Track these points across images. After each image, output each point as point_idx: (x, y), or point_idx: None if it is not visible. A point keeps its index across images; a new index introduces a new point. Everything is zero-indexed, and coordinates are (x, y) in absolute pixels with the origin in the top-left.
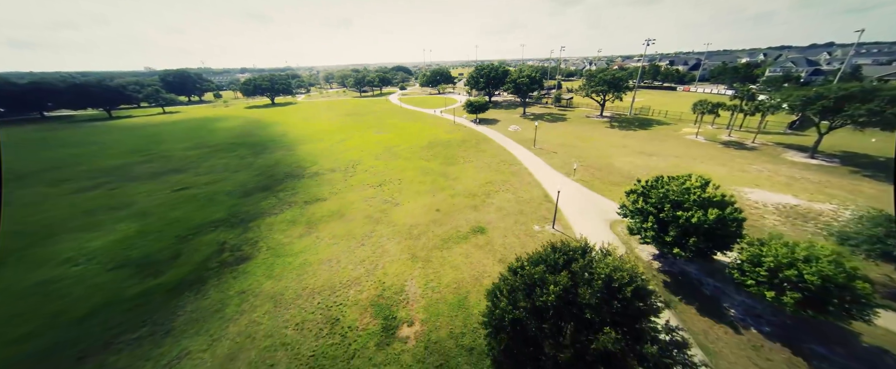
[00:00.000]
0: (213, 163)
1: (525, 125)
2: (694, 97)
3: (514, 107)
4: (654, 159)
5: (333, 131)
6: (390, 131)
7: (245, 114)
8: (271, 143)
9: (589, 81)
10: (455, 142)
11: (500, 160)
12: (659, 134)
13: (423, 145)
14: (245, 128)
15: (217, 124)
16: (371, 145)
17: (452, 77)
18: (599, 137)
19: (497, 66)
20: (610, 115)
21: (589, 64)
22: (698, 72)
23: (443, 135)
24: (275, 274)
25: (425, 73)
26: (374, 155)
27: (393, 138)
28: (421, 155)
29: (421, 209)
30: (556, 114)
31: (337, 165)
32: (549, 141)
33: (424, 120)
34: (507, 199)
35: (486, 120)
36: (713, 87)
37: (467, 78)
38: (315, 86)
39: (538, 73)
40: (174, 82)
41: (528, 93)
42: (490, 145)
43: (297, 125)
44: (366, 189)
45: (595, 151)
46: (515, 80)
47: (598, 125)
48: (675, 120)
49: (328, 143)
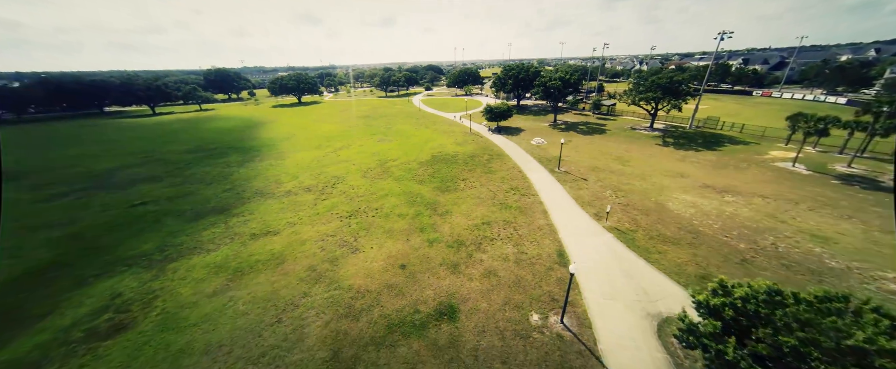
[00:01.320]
0: (195, 172)
1: (553, 137)
2: (780, 105)
3: (544, 114)
4: (730, 201)
5: (336, 137)
6: (395, 139)
7: (263, 114)
8: (266, 149)
9: (637, 86)
10: (463, 157)
11: (509, 187)
12: (734, 157)
13: (425, 160)
14: (251, 130)
15: (229, 124)
16: (366, 157)
17: (481, 77)
18: (647, 160)
19: (527, 66)
20: (662, 128)
21: (639, 63)
22: (783, 72)
23: (451, 146)
24: (136, 365)
25: (454, 73)
26: (364, 170)
27: (394, 149)
28: (416, 174)
29: (382, 262)
30: (593, 123)
31: (317, 182)
32: (580, 161)
33: (438, 126)
34: (503, 255)
35: (508, 128)
36: (805, 91)
37: (493, 80)
38: (345, 85)
39: (574, 75)
40: (215, 81)
41: (562, 98)
42: (503, 164)
43: (306, 127)
44: (331, 220)
45: (639, 181)
46: (545, 82)
47: (647, 141)
48: (756, 136)
49: (324, 152)
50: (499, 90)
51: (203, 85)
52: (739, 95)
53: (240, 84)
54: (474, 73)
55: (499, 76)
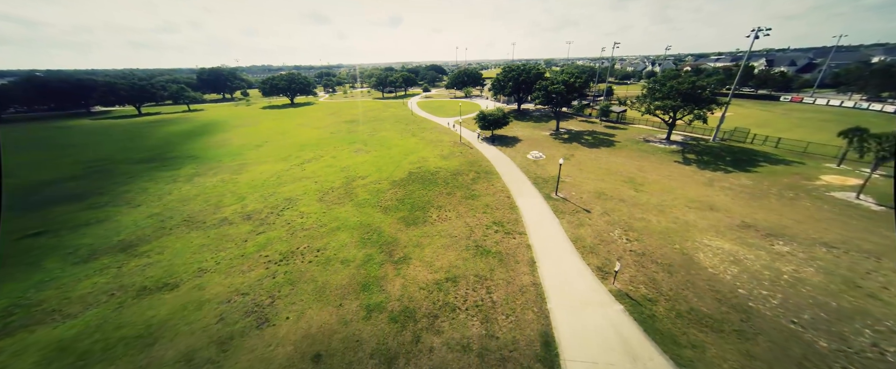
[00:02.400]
0: (131, 188)
1: (553, 150)
2: (816, 113)
3: (545, 120)
4: (784, 251)
5: (311, 145)
6: (374, 150)
7: (247, 117)
8: (228, 160)
9: (652, 91)
10: (444, 175)
11: (492, 220)
12: (775, 182)
13: (399, 179)
14: (224, 135)
15: (204, 128)
16: (334, 173)
17: (482, 79)
18: (665, 183)
19: (528, 68)
20: (681, 141)
21: (651, 63)
22: (814, 75)
23: (435, 160)
24: None
25: (453, 74)
26: (325, 191)
27: (369, 162)
28: (384, 198)
29: (289, 349)
30: (600, 133)
31: (263, 206)
32: (583, 184)
33: (427, 134)
34: (464, 341)
35: (504, 138)
36: (842, 96)
37: (491, 81)
38: (343, 84)
39: (580, 78)
40: (209, 80)
41: (565, 105)
42: (490, 185)
43: (285, 133)
44: (255, 267)
45: (657, 215)
46: (546, 86)
47: (663, 158)
48: (796, 153)
49: (289, 165)
50: (497, 93)
51: (195, 84)
52: (764, 100)
53: (234, 84)
54: (474, 74)
55: (497, 78)
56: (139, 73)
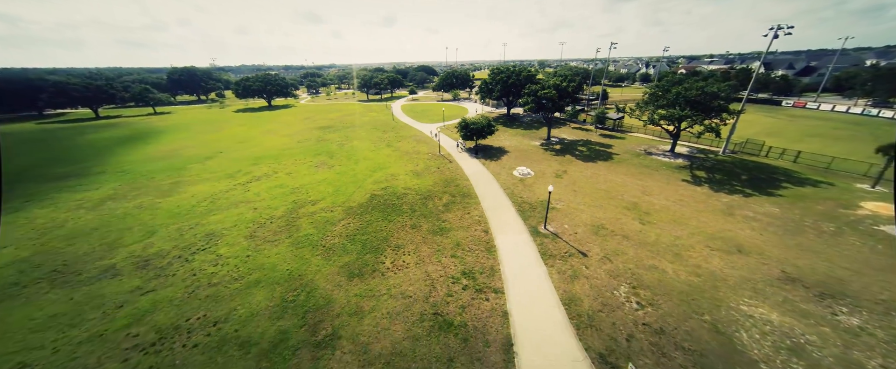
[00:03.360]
0: (22, 217)
1: (543, 164)
2: (825, 121)
3: (536, 128)
4: (853, 326)
5: (269, 158)
6: (339, 164)
7: (214, 121)
8: (165, 175)
9: (654, 99)
10: (413, 198)
11: (462, 268)
12: (809, 212)
13: (358, 204)
14: (180, 144)
15: (157, 135)
16: (281, 196)
17: (471, 81)
18: (676, 210)
19: (518, 70)
20: (687, 153)
21: (645, 66)
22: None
23: (406, 178)
24: None
25: (441, 75)
26: (260, 223)
27: (327, 181)
28: (332, 232)
29: None
30: (596, 144)
31: (173, 246)
32: (577, 212)
33: (403, 143)
34: None
35: (489, 149)
36: (847, 101)
37: (479, 85)
38: (329, 86)
39: (572, 82)
40: (181, 80)
41: (558, 111)
42: (466, 215)
43: (246, 141)
44: (107, 362)
45: (673, 261)
46: (536, 91)
47: (669, 175)
48: (820, 170)
49: (231, 184)
50: (485, 97)
51: (166, 85)
52: (765, 106)
53: (208, 84)
54: (464, 75)
55: (485, 81)
56: (123, 71)
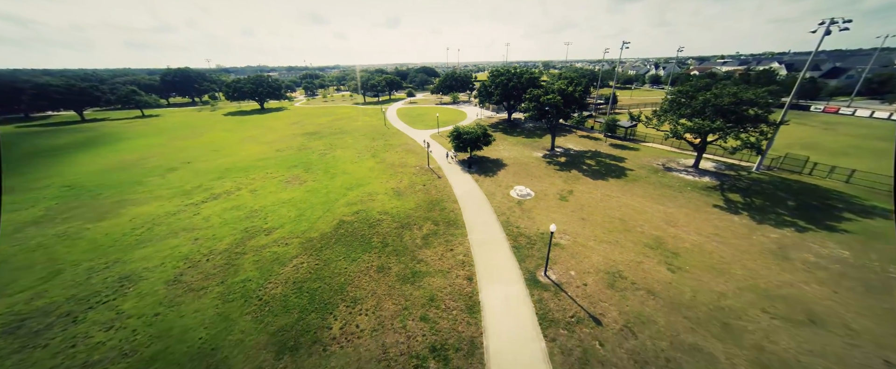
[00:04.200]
0: None
1: (545, 182)
2: (868, 128)
3: (539, 136)
4: None
5: (237, 170)
6: (313, 179)
7: (199, 125)
8: (113, 191)
9: (675, 106)
10: (388, 227)
11: (431, 340)
12: (893, 257)
13: (321, 234)
14: (149, 152)
15: (130, 141)
16: (233, 222)
17: (471, 83)
18: (713, 251)
19: (520, 71)
20: (713, 169)
21: (655, 67)
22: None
23: (385, 198)
24: None
25: (440, 78)
26: (194, 261)
27: (294, 201)
28: (278, 276)
29: None
30: (606, 156)
31: (69, 296)
32: (587, 253)
33: (391, 153)
34: None
35: (485, 162)
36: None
37: (478, 88)
38: (328, 87)
39: (578, 87)
40: (175, 82)
41: (563, 119)
42: (448, 252)
43: (221, 149)
44: None
45: (725, 344)
46: (538, 96)
47: (697, 199)
48: (881, 192)
49: (183, 204)
50: (484, 101)
51: (159, 86)
52: (792, 111)
53: (202, 86)
54: (464, 78)
55: (483, 84)
56: (123, 72)
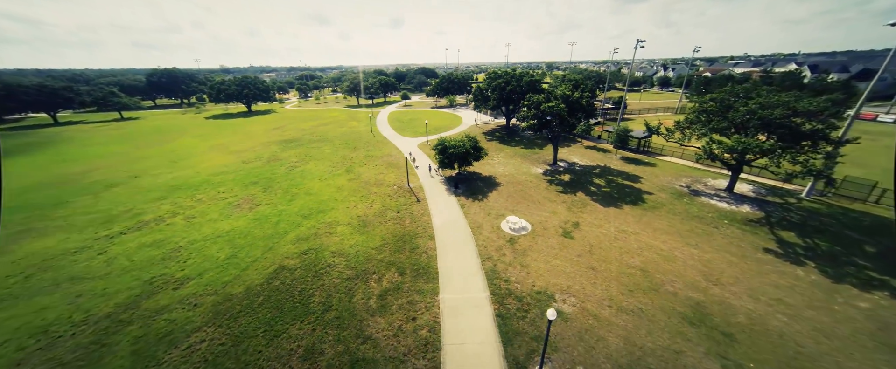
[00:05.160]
0: None
1: (545, 211)
2: None
3: (540, 147)
4: None
5: (184, 189)
6: (268, 201)
7: (175, 129)
8: (20, 215)
9: (706, 117)
10: (337, 278)
11: None
12: None
13: (245, 291)
14: (94, 162)
15: (87, 150)
16: (137, 270)
17: (469, 85)
18: (785, 331)
19: (519, 74)
20: (753, 193)
21: (664, 68)
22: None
23: (345, 232)
24: None
25: (436, 80)
26: (38, 346)
27: (231, 236)
28: (167, 366)
29: None
30: (617, 173)
31: None
32: (600, 330)
33: (367, 168)
34: None
35: (474, 180)
36: None
37: (473, 91)
38: (322, 89)
39: (585, 92)
40: (162, 83)
41: (568, 129)
42: (409, 325)
43: (185, 159)
44: None
45: None
46: (538, 103)
47: (740, 240)
48: None
49: (92, 237)
50: (480, 107)
51: (144, 87)
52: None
53: (190, 87)
54: (461, 80)
55: (479, 88)
56: (134, 72)
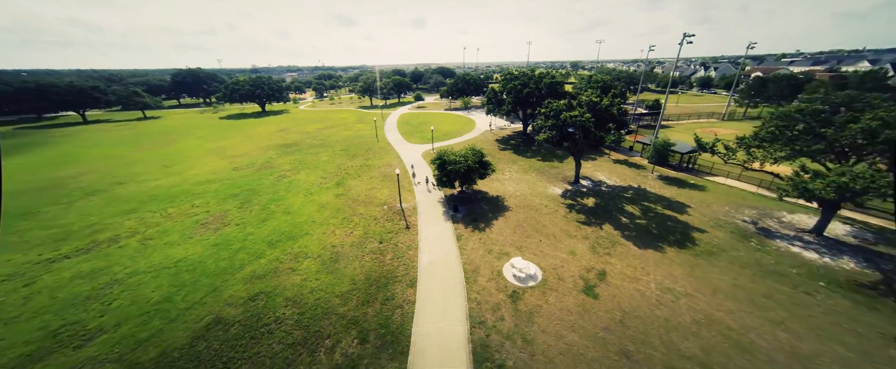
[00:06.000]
0: None
1: (561, 246)
2: None
3: (559, 158)
4: None
5: (160, 200)
6: (239, 221)
7: (183, 129)
8: None
9: (792, 133)
10: (277, 344)
11: None
12: None
13: (160, 355)
14: (89, 169)
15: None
16: (52, 312)
17: (485, 86)
18: None
19: (538, 74)
20: (854, 236)
21: (703, 67)
22: None
23: (310, 268)
24: None
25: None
26: None
27: (179, 269)
28: None
29: None
30: (654, 198)
31: None
32: None
33: (360, 181)
34: None
35: (478, 201)
36: None
37: (487, 93)
38: (339, 89)
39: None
40: (186, 83)
41: (594, 144)
42: None
43: (177, 165)
44: None
45: None
46: (559, 111)
47: (857, 323)
48: None
49: (33, 260)
50: (493, 111)
51: (169, 87)
52: None
53: (211, 87)
54: (477, 81)
55: (492, 90)
56: (169, 72)
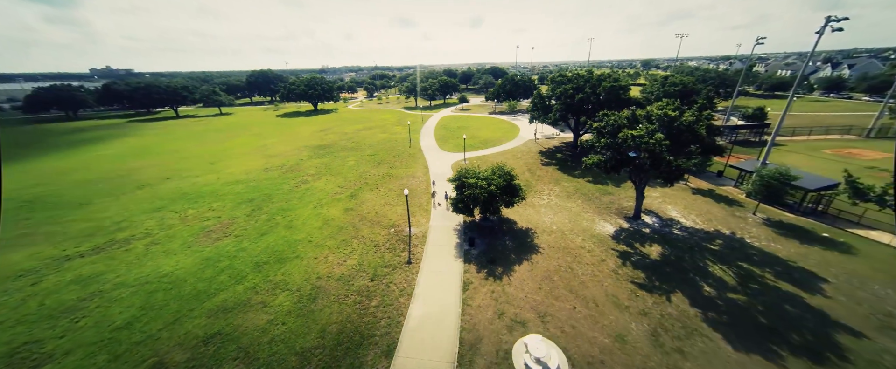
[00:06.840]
0: None
1: (605, 323)
2: None
3: (615, 183)
4: None
5: (183, 201)
6: (238, 233)
7: (242, 125)
8: (41, 215)
9: None
10: None
11: None
12: None
13: None
14: (141, 165)
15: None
16: (45, 312)
17: (534, 89)
18: None
19: (595, 77)
20: None
21: (831, 65)
22: None
23: (284, 307)
24: None
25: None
26: None
27: (162, 285)
28: None
29: None
30: (757, 255)
31: None
32: None
33: (377, 194)
34: None
35: (501, 233)
36: None
37: (532, 98)
38: (388, 88)
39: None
40: (258, 83)
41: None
42: None
43: (217, 163)
44: None
45: None
46: (616, 127)
47: None
48: None
49: (50, 258)
50: (537, 118)
51: (244, 86)
52: None
53: (277, 87)
54: (525, 83)
55: (538, 95)
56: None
